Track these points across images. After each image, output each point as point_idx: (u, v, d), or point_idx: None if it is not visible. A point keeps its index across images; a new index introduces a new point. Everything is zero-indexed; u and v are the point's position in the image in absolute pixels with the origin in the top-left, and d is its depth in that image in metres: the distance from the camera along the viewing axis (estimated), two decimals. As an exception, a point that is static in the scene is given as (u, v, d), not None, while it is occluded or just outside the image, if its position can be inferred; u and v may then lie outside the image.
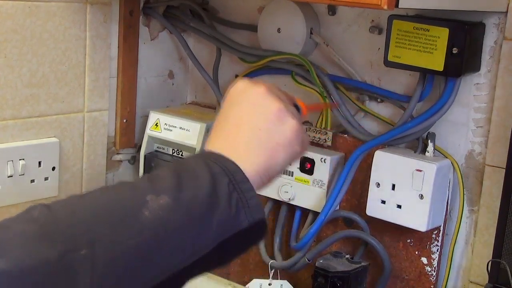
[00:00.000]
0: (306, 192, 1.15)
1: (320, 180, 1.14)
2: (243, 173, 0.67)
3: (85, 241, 0.57)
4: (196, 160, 0.67)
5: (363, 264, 1.13)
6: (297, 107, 0.80)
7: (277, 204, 1.23)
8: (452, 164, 1.06)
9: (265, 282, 1.20)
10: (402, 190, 1.05)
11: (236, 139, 0.71)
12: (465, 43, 0.96)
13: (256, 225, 0.66)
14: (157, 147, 1.29)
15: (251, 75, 1.26)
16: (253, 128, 0.71)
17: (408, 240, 1.10)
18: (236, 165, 0.67)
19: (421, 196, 1.03)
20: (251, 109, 0.72)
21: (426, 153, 1.06)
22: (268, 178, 0.71)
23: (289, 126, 0.72)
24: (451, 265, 1.08)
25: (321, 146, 1.16)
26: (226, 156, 0.68)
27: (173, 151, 1.26)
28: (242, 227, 0.65)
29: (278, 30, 1.18)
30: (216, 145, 0.71)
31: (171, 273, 0.61)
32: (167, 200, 0.61)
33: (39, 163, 1.17)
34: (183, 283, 0.64)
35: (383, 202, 1.07)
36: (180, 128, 1.24)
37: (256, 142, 0.71)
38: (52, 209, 0.59)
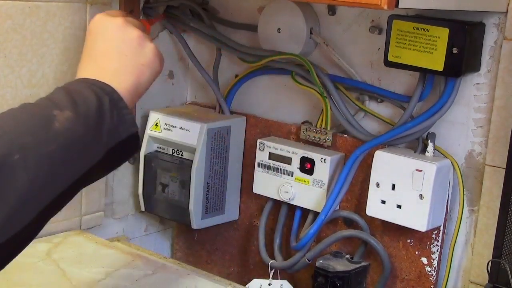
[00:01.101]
0: (306, 192, 1.15)
1: (320, 180, 1.14)
2: (118, 93, 0.78)
3: (16, 148, 0.67)
4: (79, 84, 0.78)
5: (363, 264, 1.13)
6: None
7: (277, 204, 1.23)
8: (452, 164, 1.06)
9: (265, 282, 1.20)
10: (402, 190, 1.05)
11: (105, 65, 0.82)
12: (465, 43, 0.96)
13: (131, 137, 0.78)
14: (157, 147, 1.29)
15: (251, 75, 1.26)
16: (119, 54, 0.83)
17: (408, 240, 1.10)
18: (111, 87, 0.78)
19: (421, 196, 1.03)
20: (115, 39, 0.84)
21: (426, 153, 1.06)
22: (138, 95, 0.84)
23: (149, 49, 0.85)
24: (451, 265, 1.08)
25: (321, 146, 1.16)
26: (101, 80, 0.78)
27: (173, 151, 1.26)
28: (122, 138, 0.76)
29: (278, 30, 1.18)
30: (88, 72, 0.81)
31: (81, 173, 0.72)
32: (69, 114, 0.72)
33: (39, 163, 1.17)
34: (86, 183, 0.76)
35: (383, 202, 1.07)
36: (180, 128, 1.24)
37: (124, 66, 0.82)
38: None
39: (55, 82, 1.17)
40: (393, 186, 1.06)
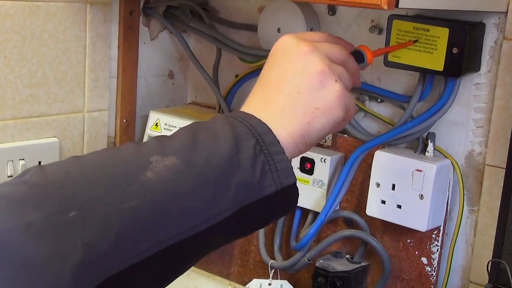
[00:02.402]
0: (306, 192, 1.15)
1: (320, 180, 1.14)
2: (274, 136, 0.63)
3: (76, 204, 0.53)
4: (221, 119, 0.63)
5: (363, 264, 1.13)
6: (360, 55, 0.75)
7: (277, 204, 1.22)
8: (452, 164, 1.06)
9: (265, 282, 1.20)
10: (402, 190, 1.05)
11: (272, 101, 0.67)
12: (465, 43, 0.96)
13: (285, 191, 0.62)
14: (157, 147, 1.29)
15: (251, 75, 1.26)
16: (292, 90, 0.67)
17: (408, 240, 1.10)
18: (267, 127, 0.63)
19: (421, 196, 1.03)
20: (292, 70, 0.68)
21: (426, 153, 1.06)
22: (305, 144, 0.67)
23: (331, 90, 0.67)
24: (451, 265, 1.07)
25: (321, 146, 1.16)
26: (257, 117, 0.64)
27: (173, 151, 1.26)
28: (268, 192, 0.60)
29: (278, 30, 1.18)
30: (251, 106, 0.67)
31: (179, 239, 0.56)
32: (175, 161, 0.57)
33: (39, 163, 1.17)
34: (201, 250, 0.60)
35: (383, 202, 1.07)
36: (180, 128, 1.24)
37: (293, 106, 0.66)
38: (46, 170, 0.56)
39: (55, 82, 1.18)
40: (393, 186, 1.06)
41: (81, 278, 0.52)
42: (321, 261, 1.12)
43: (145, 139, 1.28)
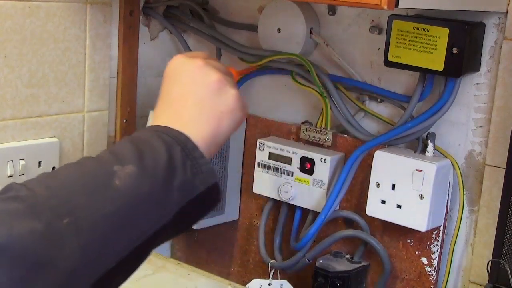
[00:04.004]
0: (306, 192, 1.15)
1: (320, 180, 1.14)
2: (193, 142, 0.70)
3: (66, 211, 0.60)
4: (148, 133, 0.71)
5: (363, 264, 1.13)
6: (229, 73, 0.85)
7: (277, 204, 1.23)
8: (452, 164, 1.06)
9: (265, 282, 1.20)
10: (402, 190, 1.05)
11: (181, 111, 0.74)
12: (465, 43, 0.96)
13: (210, 189, 0.69)
14: (157, 147, 1.29)
15: (251, 75, 1.26)
16: (197, 99, 0.75)
17: (408, 240, 1.10)
18: (185, 135, 0.70)
19: (421, 196, 1.03)
20: (192, 82, 0.76)
21: (426, 153, 1.06)
22: (216, 145, 0.75)
23: (230, 95, 0.76)
24: (451, 265, 1.08)
25: (321, 146, 1.16)
26: (174, 128, 0.71)
27: (173, 151, 1.26)
28: (199, 191, 0.68)
29: (278, 30, 1.18)
30: (163, 120, 0.74)
31: (146, 236, 0.64)
32: (133, 168, 0.65)
33: (39, 163, 1.17)
34: (153, 247, 0.67)
35: (383, 202, 1.07)
36: (180, 128, 1.24)
37: (201, 113, 0.74)
38: (29, 187, 0.62)
39: (55, 82, 1.18)
40: (393, 186, 1.06)
41: (81, 276, 0.59)
42: (321, 261, 1.12)
43: (145, 139, 1.28)
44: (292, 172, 1.16)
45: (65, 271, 0.58)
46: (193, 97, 0.75)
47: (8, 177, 1.13)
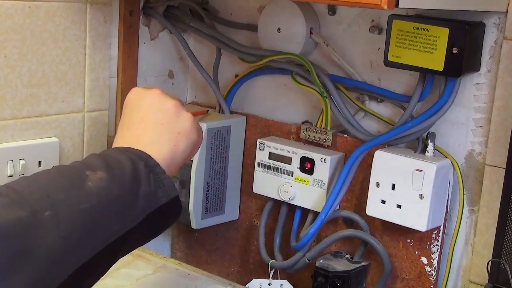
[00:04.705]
0: (306, 192, 1.15)
1: (320, 180, 1.14)
2: (154, 160, 0.76)
3: (47, 205, 0.65)
4: (113, 151, 0.76)
5: (363, 264, 1.13)
6: None
7: (277, 204, 1.23)
8: (452, 164, 1.06)
9: (265, 282, 1.20)
10: (402, 190, 1.05)
11: (141, 135, 0.80)
12: (465, 43, 0.96)
13: (172, 202, 0.75)
14: (157, 147, 1.29)
15: (251, 75, 1.26)
16: (156, 123, 0.81)
17: (408, 240, 1.10)
18: (146, 154, 0.76)
19: (421, 196, 1.03)
20: (151, 108, 0.82)
21: (426, 153, 1.06)
22: (174, 166, 0.81)
23: (186, 118, 0.83)
24: (451, 265, 1.08)
25: (321, 146, 1.16)
26: (136, 148, 0.77)
27: (173, 151, 1.26)
28: (161, 202, 0.74)
29: (278, 30, 1.18)
30: (124, 141, 0.80)
31: (118, 235, 0.70)
32: (102, 174, 0.70)
33: (39, 163, 1.17)
34: (125, 248, 0.73)
35: (383, 202, 1.07)
36: (180, 128, 1.24)
37: (160, 135, 0.80)
38: (10, 185, 0.68)
39: (55, 82, 1.18)
40: (393, 186, 1.06)
41: (59, 266, 0.64)
42: (321, 261, 1.12)
43: (145, 139, 1.28)
44: (292, 172, 1.16)
45: (46, 260, 0.62)
46: (152, 121, 0.81)
47: (8, 177, 1.13)
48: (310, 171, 1.14)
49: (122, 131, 0.83)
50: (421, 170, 1.03)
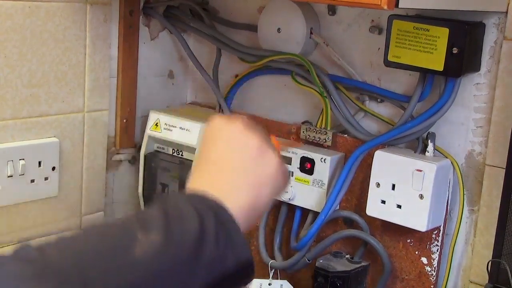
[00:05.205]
0: (306, 192, 1.15)
1: (320, 180, 1.14)
2: (229, 213, 0.65)
3: (76, 276, 0.56)
4: (182, 198, 0.66)
5: (363, 264, 1.13)
6: None
7: (277, 204, 1.23)
8: (452, 164, 1.06)
9: (265, 282, 1.20)
10: (402, 190, 1.05)
11: (219, 178, 0.70)
12: (465, 43, 0.96)
13: (242, 265, 0.65)
14: (157, 147, 1.29)
15: (251, 75, 1.26)
16: (236, 166, 0.70)
17: (408, 240, 1.10)
18: (221, 205, 0.65)
19: (421, 196, 1.03)
20: (232, 147, 0.71)
21: (426, 153, 1.06)
22: (255, 215, 0.70)
23: (271, 161, 0.71)
24: (451, 265, 1.08)
25: (321, 146, 1.16)
26: (211, 196, 0.66)
27: (173, 151, 1.26)
28: (229, 267, 0.63)
29: (278, 30, 1.18)
30: (200, 184, 0.69)
31: None
32: (156, 238, 0.60)
33: (39, 163, 1.17)
34: None
35: (383, 202, 1.07)
36: (180, 128, 1.25)
37: (240, 181, 0.69)
38: (44, 251, 0.59)
39: (55, 82, 1.18)
40: (393, 186, 1.06)
41: None
42: (321, 261, 1.12)
43: (145, 139, 1.28)
44: (292, 172, 1.16)
45: None
46: (232, 162, 0.70)
47: (8, 177, 1.13)
48: (310, 171, 1.14)
49: (200, 167, 0.72)
50: (421, 170, 1.03)
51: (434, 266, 1.08)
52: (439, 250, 1.08)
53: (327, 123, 1.15)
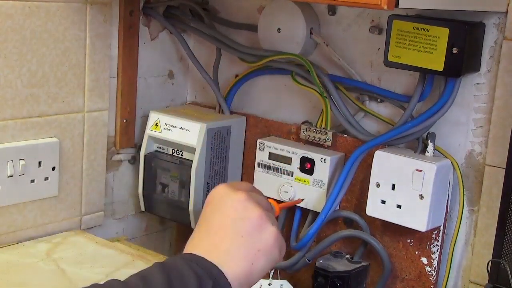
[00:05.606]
0: (306, 192, 1.15)
1: (320, 180, 1.14)
2: (226, 279, 0.69)
3: None
4: (182, 261, 0.70)
5: (363, 264, 1.13)
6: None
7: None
8: (452, 164, 1.06)
9: (265, 282, 1.20)
10: (402, 190, 1.05)
11: (218, 244, 0.73)
12: (465, 43, 0.96)
13: None
14: (157, 147, 1.29)
15: (251, 75, 1.26)
16: (236, 234, 0.73)
17: (408, 240, 1.10)
18: (220, 270, 0.70)
19: (421, 196, 1.03)
20: (233, 216, 0.74)
21: (426, 153, 1.06)
22: (249, 284, 0.73)
23: (269, 233, 0.74)
24: (451, 265, 1.08)
25: (321, 146, 1.16)
26: (210, 260, 0.70)
27: (173, 151, 1.26)
28: None
29: (278, 30, 1.18)
30: (199, 248, 0.73)
31: None
32: None
33: (39, 163, 1.17)
34: None
35: (383, 202, 1.07)
36: (180, 128, 1.24)
37: (238, 249, 0.73)
38: None
39: (55, 82, 1.18)
40: (393, 186, 1.06)
41: None
42: (321, 261, 1.12)
43: (145, 139, 1.28)
44: (292, 172, 1.16)
45: None
46: (232, 230, 0.74)
47: (8, 177, 1.13)
48: (310, 171, 1.14)
49: (200, 231, 0.76)
50: (421, 170, 1.03)
51: (434, 266, 1.08)
52: (439, 250, 1.08)
53: (327, 123, 1.15)
